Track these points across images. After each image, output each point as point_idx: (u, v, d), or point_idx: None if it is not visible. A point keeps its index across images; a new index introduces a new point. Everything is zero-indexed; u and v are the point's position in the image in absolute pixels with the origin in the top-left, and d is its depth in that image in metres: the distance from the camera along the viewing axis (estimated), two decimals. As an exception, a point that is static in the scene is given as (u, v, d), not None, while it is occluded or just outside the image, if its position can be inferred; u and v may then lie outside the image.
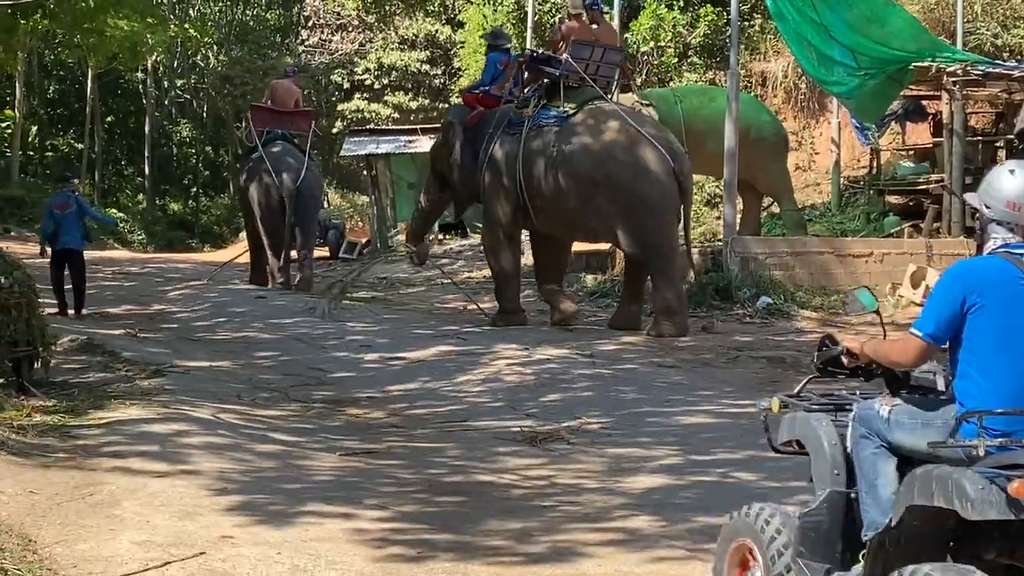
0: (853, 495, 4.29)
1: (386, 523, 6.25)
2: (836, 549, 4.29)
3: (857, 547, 4.20)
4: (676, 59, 24.70)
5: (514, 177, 14.37)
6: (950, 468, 3.87)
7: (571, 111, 14.28)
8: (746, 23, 23.84)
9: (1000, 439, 3.85)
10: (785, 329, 14.22)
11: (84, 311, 15.12)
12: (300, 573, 5.34)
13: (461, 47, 30.76)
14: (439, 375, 11.35)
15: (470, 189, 15.01)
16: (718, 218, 20.15)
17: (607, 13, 17.13)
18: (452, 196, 15.71)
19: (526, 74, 15.19)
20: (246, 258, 20.61)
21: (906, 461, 4.13)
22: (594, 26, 15.59)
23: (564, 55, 14.60)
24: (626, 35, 23.40)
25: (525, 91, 15.03)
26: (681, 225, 14.27)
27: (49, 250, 15.26)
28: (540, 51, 15.63)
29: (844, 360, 4.48)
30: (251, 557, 5.52)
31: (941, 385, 4.31)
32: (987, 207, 4.14)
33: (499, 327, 14.31)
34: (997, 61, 19.48)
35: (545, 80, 14.76)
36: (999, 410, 3.92)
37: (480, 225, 17.05)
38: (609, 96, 15.18)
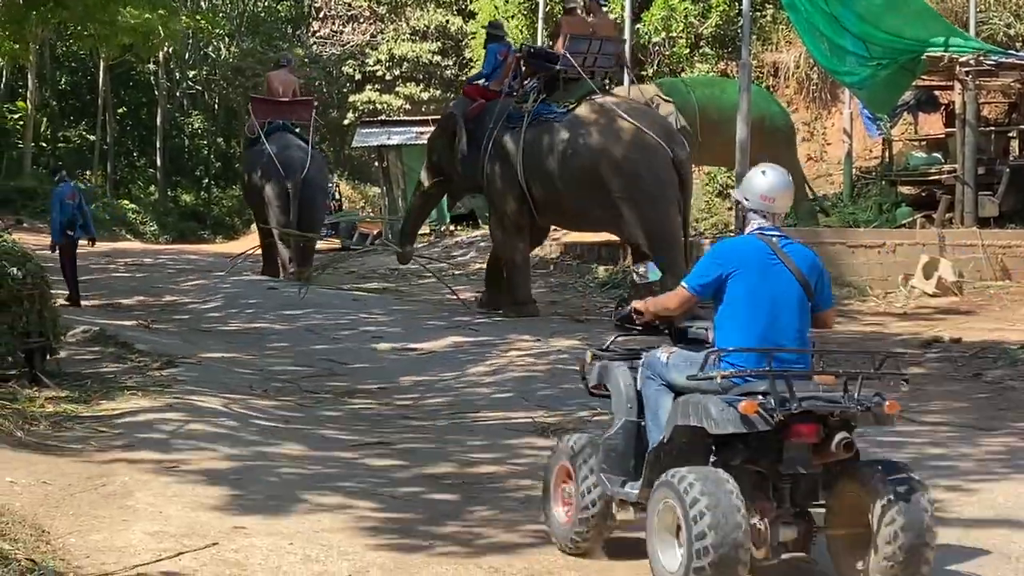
0: (642, 423, 5.43)
1: (398, 513, 6.26)
2: (629, 464, 5.41)
3: (644, 462, 5.29)
4: (688, 50, 24.64)
5: (515, 170, 14.47)
6: (704, 396, 5.01)
7: (571, 105, 14.39)
8: (758, 13, 23.77)
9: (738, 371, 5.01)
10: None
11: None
12: (312, 563, 5.35)
13: (472, 38, 30.72)
14: (451, 366, 11.35)
15: (469, 181, 15.18)
16: (730, 209, 20.10)
17: (604, 6, 17.12)
18: (447, 187, 15.84)
19: (524, 68, 15.24)
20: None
21: (679, 394, 5.21)
22: (591, 17, 15.63)
23: (562, 50, 14.68)
24: (638, 25, 23.36)
25: (524, 85, 15.12)
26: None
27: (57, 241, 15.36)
28: (538, 45, 15.67)
29: (635, 317, 5.59)
30: (263, 548, 5.53)
31: (711, 338, 5.36)
32: (747, 200, 5.40)
33: (510, 318, 14.32)
34: (1010, 51, 19.40)
35: (544, 74, 14.84)
36: (731, 348, 5.10)
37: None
38: (609, 87, 15.30)
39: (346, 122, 35.12)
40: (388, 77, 34.25)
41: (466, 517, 6.20)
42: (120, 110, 40.88)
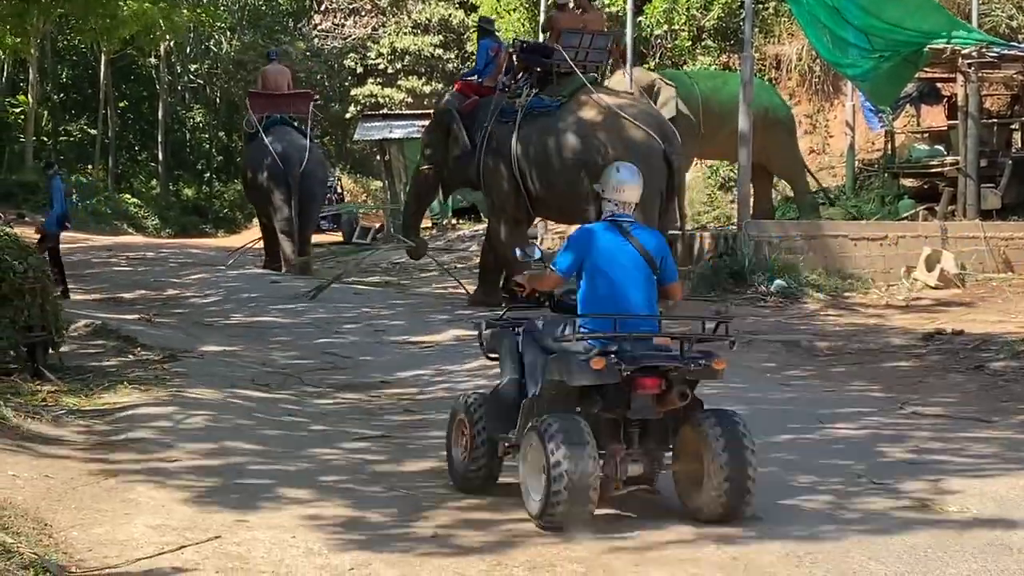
0: (522, 380, 6.43)
1: (400, 506, 6.26)
2: (513, 417, 6.29)
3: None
4: (690, 42, 24.63)
5: (510, 165, 14.62)
6: (567, 355, 6.04)
7: (563, 99, 14.53)
8: (760, 6, 23.75)
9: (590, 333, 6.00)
10: (799, 312, 14.18)
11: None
12: (314, 556, 5.35)
13: (474, 31, 30.70)
14: (452, 360, 11.34)
15: (463, 175, 15.33)
16: (732, 202, 20.09)
17: (594, 0, 17.19)
18: (440, 181, 16.00)
19: (517, 63, 15.36)
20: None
21: (552, 355, 6.17)
22: (582, 12, 15.78)
23: (555, 44, 14.82)
24: (640, 18, 23.33)
25: (517, 79, 15.22)
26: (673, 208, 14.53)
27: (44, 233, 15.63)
28: (530, 40, 15.81)
29: (517, 290, 6.66)
30: (266, 541, 5.53)
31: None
32: (603, 191, 6.48)
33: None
34: (1012, 43, 19.38)
35: (537, 69, 14.96)
36: (586, 314, 6.16)
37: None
38: (600, 80, 15.45)
39: (348, 115, 35.11)
40: (390, 70, 34.22)
41: (467, 509, 6.19)
42: (121, 104, 40.86)
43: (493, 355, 6.77)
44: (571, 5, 15.88)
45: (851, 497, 6.40)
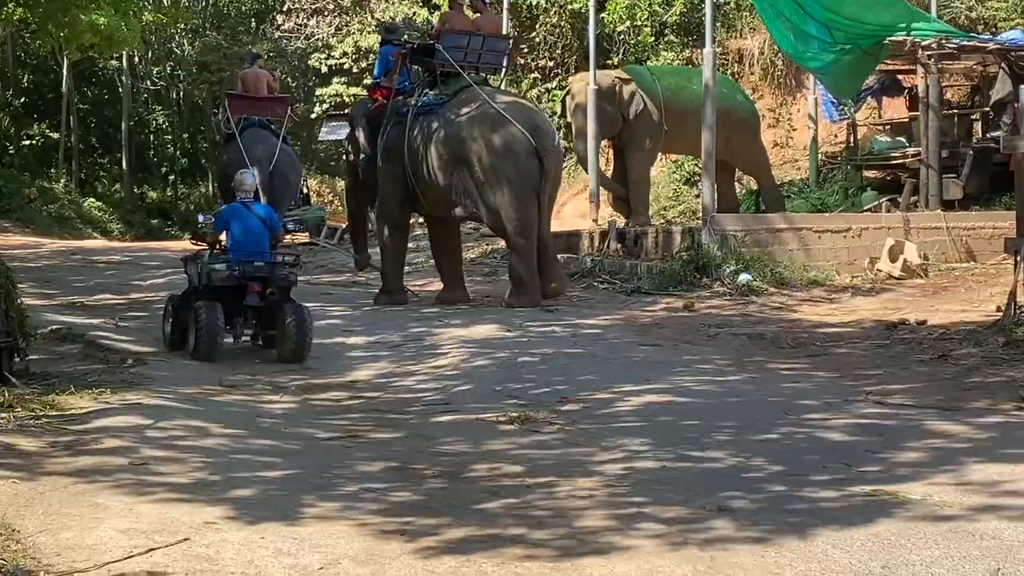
0: (197, 286, 11.93)
1: (369, 505, 6.27)
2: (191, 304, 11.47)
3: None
4: (653, 38, 24.73)
5: (402, 163, 15.04)
6: (213, 269, 11.54)
7: (446, 98, 14.96)
8: (722, 0, 23.85)
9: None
10: (764, 305, 14.27)
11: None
12: (284, 556, 5.36)
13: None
14: (420, 357, 11.38)
15: (375, 178, 15.61)
16: (697, 196, 20.18)
17: (489, 4, 17.42)
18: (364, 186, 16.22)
19: (410, 65, 15.79)
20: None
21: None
22: (476, 15, 16.20)
23: (438, 45, 15.25)
24: (602, 14, 23.40)
25: (413, 81, 15.71)
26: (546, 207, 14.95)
27: None
28: (418, 42, 16.10)
29: (198, 241, 12.30)
30: (235, 542, 5.54)
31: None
32: (235, 186, 12.16)
33: (379, 304, 15.05)
34: (972, 34, 19.54)
35: (427, 69, 15.48)
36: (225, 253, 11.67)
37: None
38: (498, 83, 16.19)
39: (313, 116, 34.99)
40: (355, 70, 34.10)
41: (439, 509, 6.22)
42: (83, 108, 40.61)
43: (186, 273, 12.05)
44: (465, 7, 16.31)
45: (814, 486, 6.46)
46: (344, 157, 16.66)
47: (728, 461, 7.21)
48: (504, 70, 16.89)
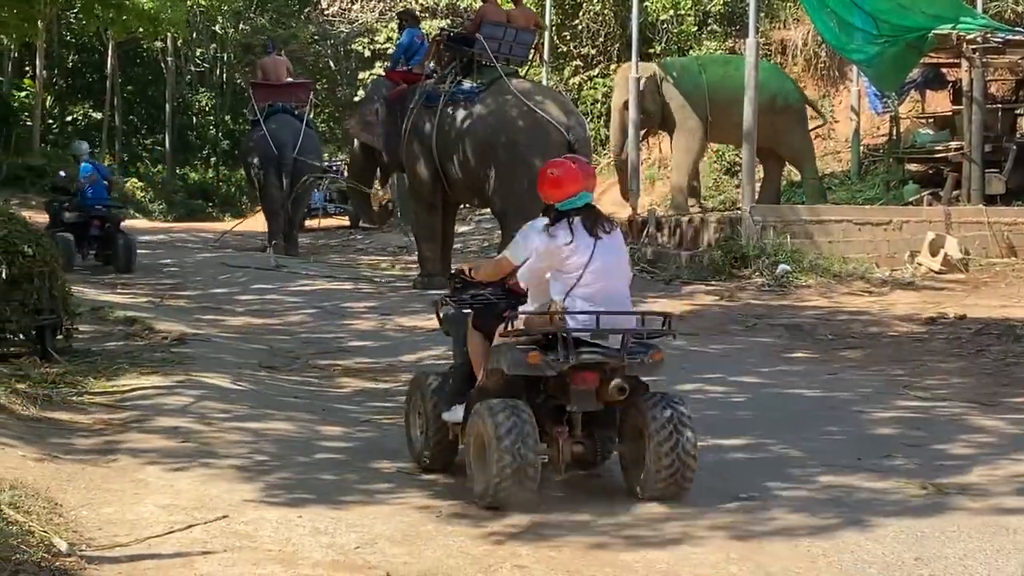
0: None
1: (405, 487, 6.33)
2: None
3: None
4: (696, 27, 24.63)
5: (430, 148, 15.17)
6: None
7: (482, 87, 15.12)
8: (766, -10, 23.75)
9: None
10: (803, 296, 14.23)
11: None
12: (321, 535, 5.43)
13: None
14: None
15: (395, 159, 15.97)
16: (737, 186, 20.13)
17: None
18: (375, 165, 16.77)
19: (444, 52, 15.88)
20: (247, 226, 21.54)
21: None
22: (510, 7, 16.53)
23: (476, 35, 15.39)
24: (646, 3, 23.34)
25: (443, 68, 15.78)
26: None
27: None
28: (455, 31, 16.28)
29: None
30: (273, 520, 5.61)
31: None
32: (74, 153, 14.50)
33: (418, 288, 15.10)
34: (1017, 28, 19.38)
35: (461, 57, 15.54)
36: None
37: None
38: (523, 74, 16.21)
39: (356, 99, 35.08)
40: (397, 54, 34.16)
41: (471, 491, 6.26)
42: (128, 88, 40.87)
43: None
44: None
45: (849, 478, 6.47)
46: (354, 135, 16.86)
47: (764, 452, 7.23)
48: (529, 62, 17.08)
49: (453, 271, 6.98)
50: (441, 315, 6.82)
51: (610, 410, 6.16)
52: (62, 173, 18.35)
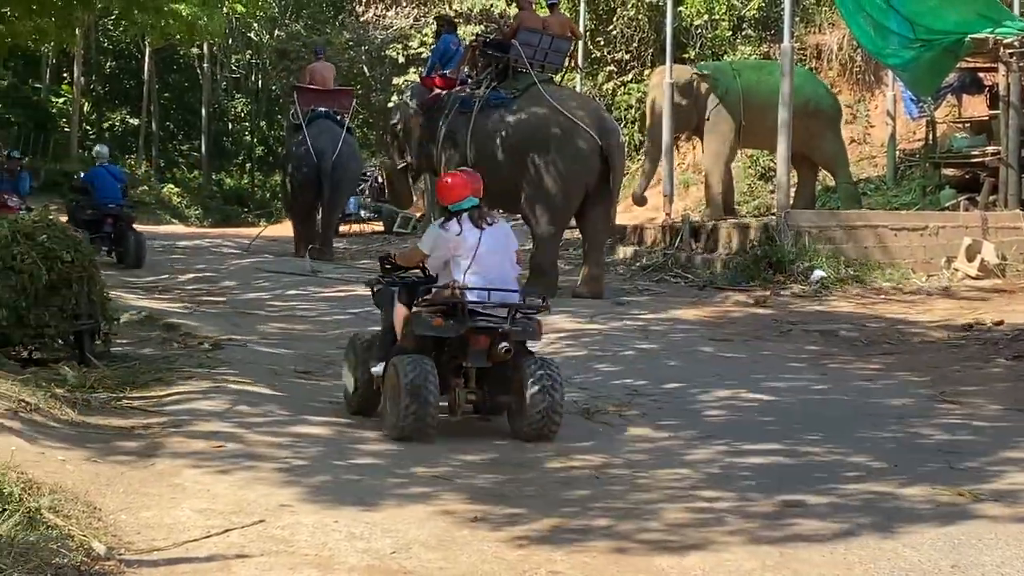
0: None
1: (439, 492, 6.35)
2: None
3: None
4: (730, 32, 24.59)
5: (464, 153, 15.22)
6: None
7: (516, 93, 15.24)
8: (801, -5, 23.68)
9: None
10: (838, 303, 14.18)
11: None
12: (356, 540, 5.45)
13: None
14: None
15: (426, 163, 16.26)
16: (772, 192, 20.08)
17: (557, 5, 17.64)
18: (408, 168, 16.88)
19: (479, 58, 16.09)
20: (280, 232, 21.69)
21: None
22: (546, 14, 16.70)
23: (513, 41, 15.55)
24: (680, 8, 23.32)
25: (479, 74, 15.97)
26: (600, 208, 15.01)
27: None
28: (491, 37, 16.31)
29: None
30: (309, 525, 5.64)
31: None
32: (96, 156, 17.13)
33: None
34: (1055, 32, 19.23)
35: (496, 63, 15.72)
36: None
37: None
38: (560, 81, 16.50)
39: (390, 105, 35.16)
40: (432, 60, 34.25)
41: (508, 497, 6.28)
42: (164, 95, 41.13)
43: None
44: (535, 6, 16.83)
45: (887, 485, 6.45)
46: (391, 138, 16.90)
47: (799, 458, 7.22)
48: (565, 69, 17.23)
49: (382, 255, 8.62)
50: (374, 290, 8.39)
51: (499, 368, 7.64)
52: (81, 175, 19.95)
